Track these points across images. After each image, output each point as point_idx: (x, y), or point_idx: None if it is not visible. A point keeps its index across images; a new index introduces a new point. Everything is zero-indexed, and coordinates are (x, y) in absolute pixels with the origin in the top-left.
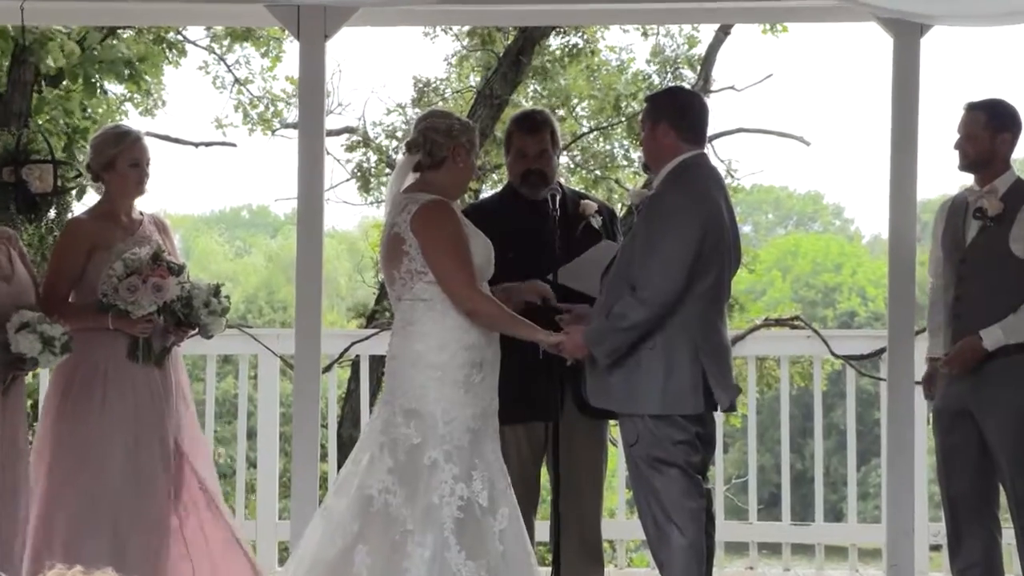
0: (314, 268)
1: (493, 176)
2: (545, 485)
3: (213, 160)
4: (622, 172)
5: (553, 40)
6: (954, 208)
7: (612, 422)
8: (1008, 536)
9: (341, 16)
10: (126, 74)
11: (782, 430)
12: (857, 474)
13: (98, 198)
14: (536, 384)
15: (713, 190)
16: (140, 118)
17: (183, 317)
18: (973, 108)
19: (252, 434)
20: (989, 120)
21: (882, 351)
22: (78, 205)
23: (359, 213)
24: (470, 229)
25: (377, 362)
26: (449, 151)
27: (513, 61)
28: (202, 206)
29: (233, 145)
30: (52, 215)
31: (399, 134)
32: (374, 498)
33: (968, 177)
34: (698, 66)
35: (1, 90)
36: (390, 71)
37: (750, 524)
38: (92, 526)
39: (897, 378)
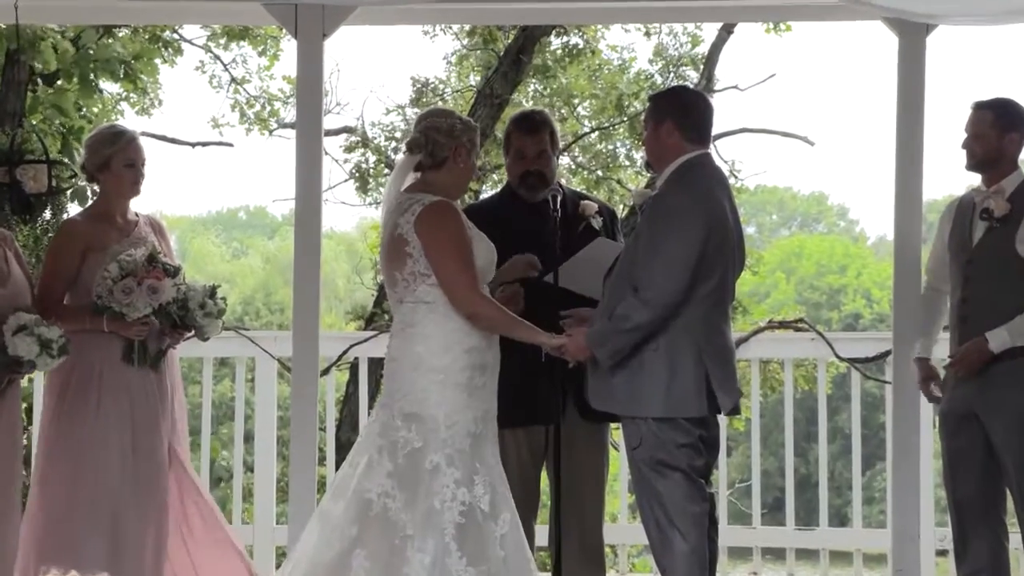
0: (312, 270)
1: (493, 176)
2: (544, 490)
3: (210, 160)
4: (624, 172)
5: (554, 39)
6: (961, 209)
7: (614, 425)
8: (1015, 540)
9: (339, 15)
10: (122, 73)
11: (786, 434)
12: (862, 478)
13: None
14: (537, 387)
15: (717, 190)
16: (136, 118)
17: (179, 319)
18: (980, 107)
19: (249, 438)
20: (996, 119)
21: (887, 354)
22: (73, 206)
23: (357, 214)
24: (473, 231)
25: (376, 365)
26: (451, 151)
27: (514, 60)
28: (198, 207)
29: (230, 145)
30: (47, 216)
31: (398, 134)
32: (373, 502)
33: (975, 177)
34: (701, 65)
35: None
36: (389, 71)
37: (754, 529)
38: (88, 529)
39: (902, 381)
